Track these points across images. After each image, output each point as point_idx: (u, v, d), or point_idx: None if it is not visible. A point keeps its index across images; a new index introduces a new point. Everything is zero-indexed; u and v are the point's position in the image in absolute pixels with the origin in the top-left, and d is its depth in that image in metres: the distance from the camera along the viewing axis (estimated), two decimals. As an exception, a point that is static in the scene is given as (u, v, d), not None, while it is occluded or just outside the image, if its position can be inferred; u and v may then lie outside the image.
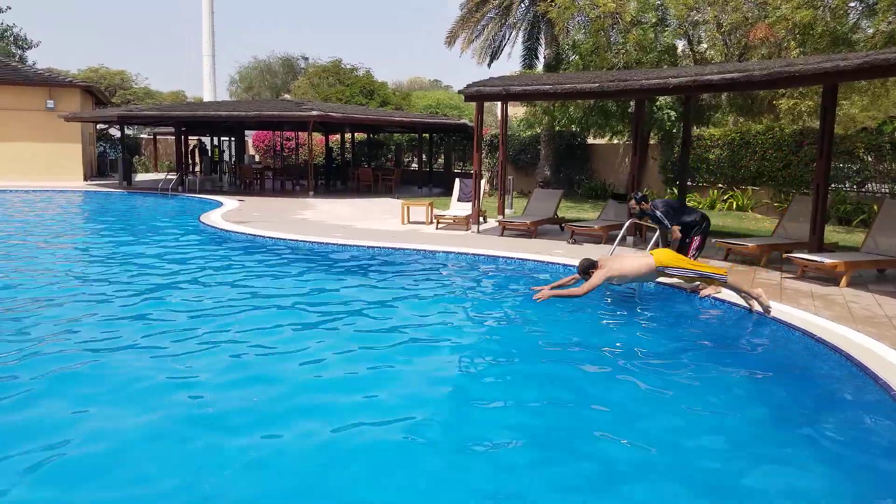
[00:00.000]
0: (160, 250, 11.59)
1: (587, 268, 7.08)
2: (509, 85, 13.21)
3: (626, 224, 10.61)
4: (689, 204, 16.14)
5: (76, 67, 50.90)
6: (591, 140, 24.39)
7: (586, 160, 24.32)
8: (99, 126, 33.07)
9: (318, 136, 32.95)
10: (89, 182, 26.56)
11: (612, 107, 18.55)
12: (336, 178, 27.78)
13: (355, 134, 31.92)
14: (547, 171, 23.56)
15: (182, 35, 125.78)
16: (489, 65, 25.82)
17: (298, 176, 26.37)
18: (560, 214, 14.65)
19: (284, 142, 35.73)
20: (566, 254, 11.01)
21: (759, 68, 9.89)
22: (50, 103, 25.99)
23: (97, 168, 31.30)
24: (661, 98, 18.19)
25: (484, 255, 10.96)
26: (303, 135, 31.38)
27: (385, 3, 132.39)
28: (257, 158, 37.52)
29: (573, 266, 10.06)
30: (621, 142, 22.87)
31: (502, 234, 13.28)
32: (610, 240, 11.95)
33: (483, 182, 14.83)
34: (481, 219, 14.30)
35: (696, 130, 19.51)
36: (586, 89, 12.11)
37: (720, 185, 19.65)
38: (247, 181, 25.33)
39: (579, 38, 19.60)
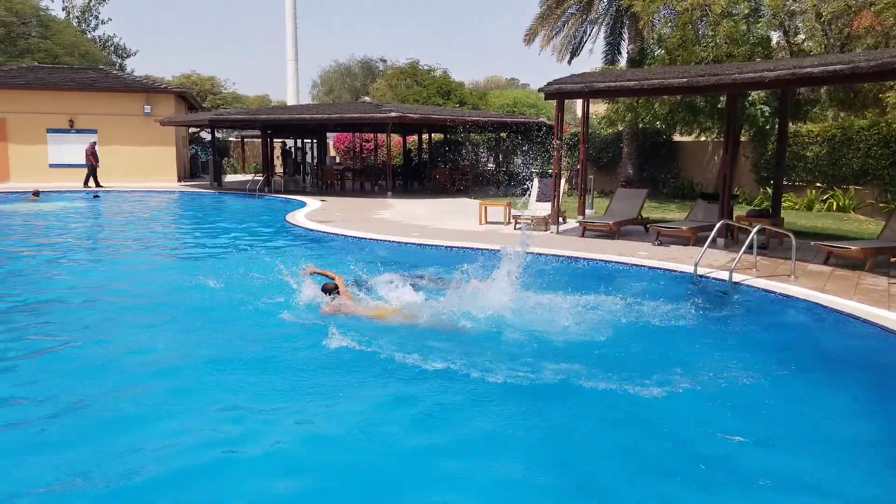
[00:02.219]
0: (256, 248, 11.94)
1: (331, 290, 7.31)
2: (592, 82, 12.85)
3: (717, 225, 10.10)
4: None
5: (170, 74, 53.36)
6: (677, 137, 23.55)
7: (672, 158, 23.50)
8: (191, 129, 34.52)
9: (395, 137, 33.27)
10: (183, 183, 27.73)
11: (700, 103, 17.80)
12: (413, 179, 27.94)
13: (432, 134, 32.04)
14: (630, 170, 22.90)
15: (266, 41, 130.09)
16: (569, 62, 25.38)
17: (377, 177, 26.68)
18: (644, 215, 14.15)
19: (363, 143, 36.27)
20: (651, 256, 10.62)
21: (867, 59, 9.19)
22: (147, 109, 27.29)
23: (189, 170, 32.66)
24: (753, 93, 17.32)
25: (565, 256, 10.71)
26: (381, 136, 31.74)
27: (462, 3, 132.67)
28: (338, 160, 38.24)
29: (659, 268, 9.73)
30: (710, 139, 21.97)
31: (583, 235, 12.95)
32: (699, 242, 11.44)
33: (562, 181, 14.50)
34: (561, 219, 14.00)
35: (792, 126, 18.50)
36: (674, 84, 11.63)
37: (819, 185, 18.56)
38: (328, 182, 25.83)
39: (665, 32, 18.91)
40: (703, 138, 22.12)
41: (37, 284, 9.19)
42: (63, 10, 44.43)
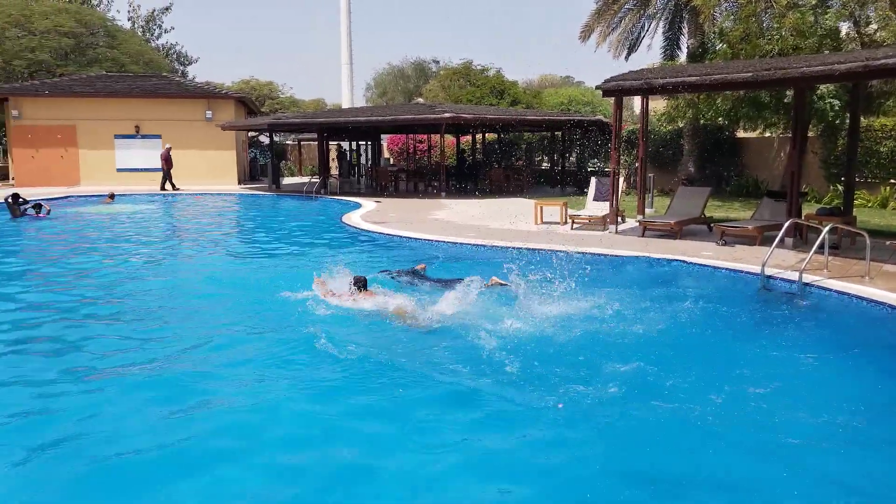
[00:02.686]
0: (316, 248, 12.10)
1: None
2: (651, 78, 12.56)
3: (786, 224, 9.71)
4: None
5: (230, 80, 54.69)
6: (740, 133, 22.82)
7: (735, 155, 22.78)
8: (250, 133, 35.30)
9: (449, 138, 33.28)
10: (243, 186, 28.39)
11: (765, 97, 17.20)
12: (467, 179, 27.90)
13: (486, 134, 31.92)
14: (691, 168, 22.31)
15: (322, 46, 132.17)
16: (626, 58, 24.89)
17: (431, 178, 26.72)
18: (707, 214, 13.74)
19: (417, 144, 36.43)
20: (715, 256, 10.30)
21: (949, 46, 8.68)
22: (208, 114, 28.03)
23: (249, 172, 33.41)
24: (821, 86, 16.63)
25: (625, 256, 10.48)
26: (435, 137, 31.79)
27: (516, 1, 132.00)
28: (392, 161, 38.53)
29: (724, 268, 9.42)
30: (775, 134, 21.21)
31: (643, 235, 12.66)
32: (765, 241, 11.04)
33: (621, 180, 14.22)
34: (619, 219, 13.72)
35: (863, 121, 17.70)
36: (739, 79, 11.26)
37: (893, 181, 17.70)
38: (382, 183, 26.02)
39: (727, 26, 18.36)
40: (767, 134, 21.38)
41: (119, 281, 9.60)
42: (129, 20, 46.13)
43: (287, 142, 42.02)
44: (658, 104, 25.14)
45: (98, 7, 43.26)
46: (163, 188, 25.23)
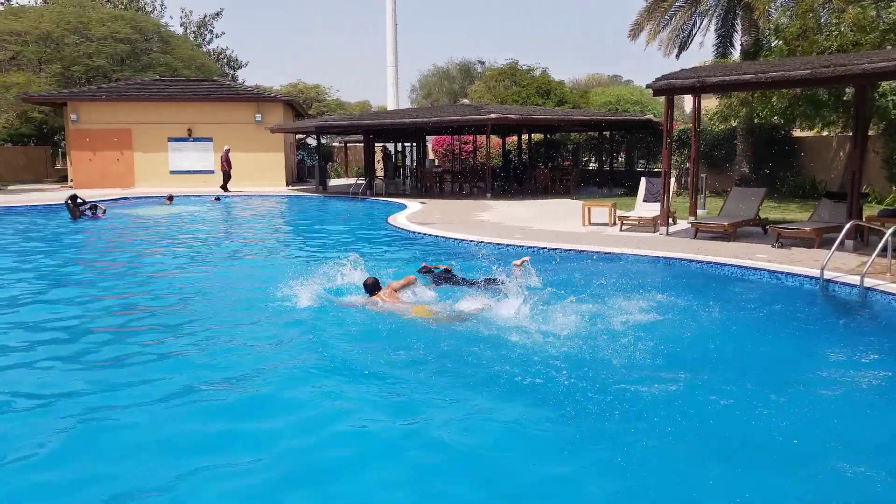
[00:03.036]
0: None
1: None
2: (704, 76, 12.23)
3: (847, 226, 9.32)
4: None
5: (278, 83, 55.60)
6: (796, 132, 22.10)
7: (791, 155, 22.06)
8: (297, 136, 35.80)
9: (494, 139, 33.15)
10: (290, 187, 28.79)
11: (822, 95, 16.62)
12: (513, 180, 27.74)
13: (532, 135, 31.68)
14: (745, 168, 21.69)
15: (367, 48, 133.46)
16: (677, 56, 24.38)
17: (476, 178, 26.65)
18: (762, 215, 13.32)
19: (462, 145, 36.40)
20: (771, 259, 9.96)
21: None
22: (258, 117, 28.52)
23: (296, 174, 33.88)
24: (883, 83, 15.98)
25: (677, 259, 10.23)
26: (480, 137, 31.70)
27: (562, 1, 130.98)
28: (436, 162, 38.60)
29: (781, 272, 9.10)
30: (834, 133, 20.47)
31: (695, 237, 12.35)
32: (824, 244, 10.64)
33: (672, 181, 13.89)
34: (671, 220, 13.41)
35: (928, 118, 16.93)
36: (796, 76, 10.86)
37: (960, 181, 16.90)
38: (427, 184, 26.05)
39: (783, 22, 17.82)
40: (825, 133, 20.66)
41: (181, 279, 9.95)
42: (181, 25, 47.39)
43: (333, 144, 42.52)
44: (710, 103, 24.57)
45: (152, 13, 44.55)
46: (225, 189, 25.78)
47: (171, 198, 21.92)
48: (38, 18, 32.86)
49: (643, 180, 14.89)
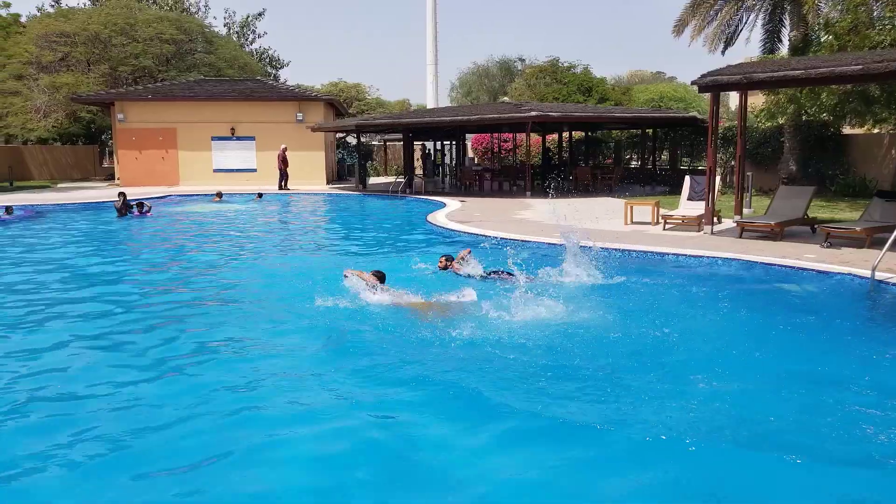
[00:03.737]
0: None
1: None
2: (751, 72, 11.96)
3: (902, 226, 9.01)
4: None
5: (319, 83, 56.19)
6: (846, 130, 21.47)
7: (841, 153, 21.44)
8: (338, 134, 36.12)
9: (534, 137, 32.96)
10: (331, 186, 29.06)
11: (874, 91, 16.13)
12: (553, 178, 27.52)
13: (573, 132, 31.41)
14: (792, 166, 21.15)
15: (407, 47, 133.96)
16: (723, 52, 23.91)
17: (515, 177, 26.54)
18: (810, 214, 12.97)
19: (502, 143, 36.30)
20: (820, 259, 9.69)
21: None
22: (299, 116, 28.86)
23: (336, 173, 34.20)
24: (940, 77, 15.42)
25: (722, 258, 10.03)
26: (520, 136, 31.57)
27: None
28: (476, 161, 38.56)
29: (830, 272, 8.86)
30: (886, 131, 19.85)
31: (741, 236, 12.09)
32: (875, 244, 10.31)
33: (717, 179, 13.61)
34: (715, 219, 13.14)
35: None
36: (847, 72, 10.54)
37: None
38: (466, 183, 26.02)
39: (833, 16, 17.35)
40: (876, 130, 20.05)
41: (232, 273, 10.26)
42: (224, 26, 48.24)
43: (373, 142, 42.79)
44: (756, 100, 24.04)
45: (196, 14, 45.40)
46: (281, 187, 26.16)
47: (220, 194, 22.38)
48: (87, 20, 33.76)
49: (687, 178, 14.63)
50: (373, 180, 31.81)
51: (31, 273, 10.17)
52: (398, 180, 25.81)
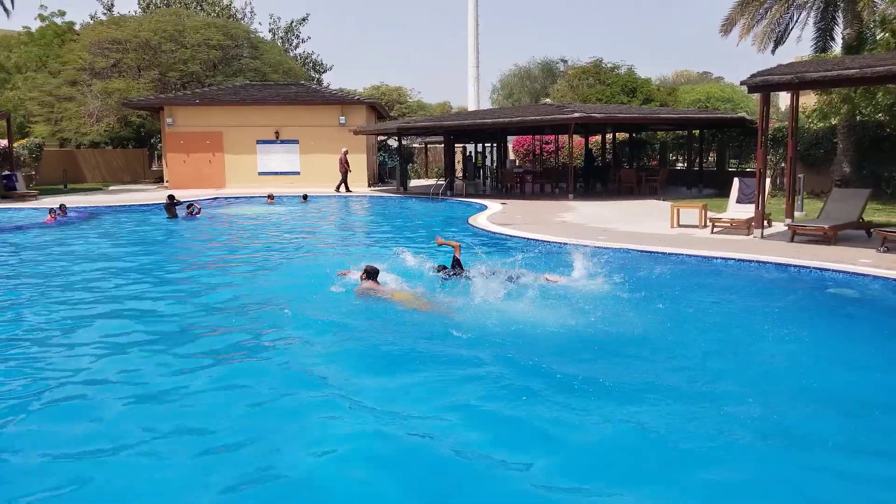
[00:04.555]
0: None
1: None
2: (803, 72, 11.62)
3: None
4: None
5: (361, 86, 56.63)
6: (903, 130, 20.67)
7: (897, 154, 20.66)
8: (379, 137, 36.31)
9: (577, 138, 32.62)
10: (372, 188, 29.24)
11: (935, 90, 15.50)
12: (596, 180, 27.17)
13: (616, 134, 30.99)
14: (846, 168, 20.46)
15: (449, 50, 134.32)
16: (773, 51, 23.32)
17: (557, 178, 26.30)
18: (866, 218, 12.52)
19: (543, 145, 36.03)
20: (877, 264, 9.35)
21: None
22: (342, 119, 29.12)
23: (377, 175, 34.39)
24: None
25: (772, 263, 9.76)
26: (562, 137, 31.28)
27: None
28: (517, 163, 38.36)
29: (887, 278, 8.52)
30: (946, 131, 19.05)
31: (792, 240, 11.73)
32: (938, 249, 9.90)
33: (767, 181, 13.25)
34: (765, 222, 12.79)
35: None
36: (907, 70, 10.16)
37: None
38: (508, 185, 25.89)
39: (890, 13, 16.74)
40: (936, 130, 19.27)
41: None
42: (269, 31, 48.91)
43: (414, 145, 42.93)
44: (807, 100, 23.38)
45: (242, 20, 46.21)
46: (338, 189, 26.49)
47: (272, 197, 22.78)
48: (138, 27, 34.68)
49: (736, 181, 14.28)
50: (413, 182, 31.89)
51: (88, 271, 10.48)
52: (439, 183, 25.81)
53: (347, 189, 26.31)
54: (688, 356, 6.02)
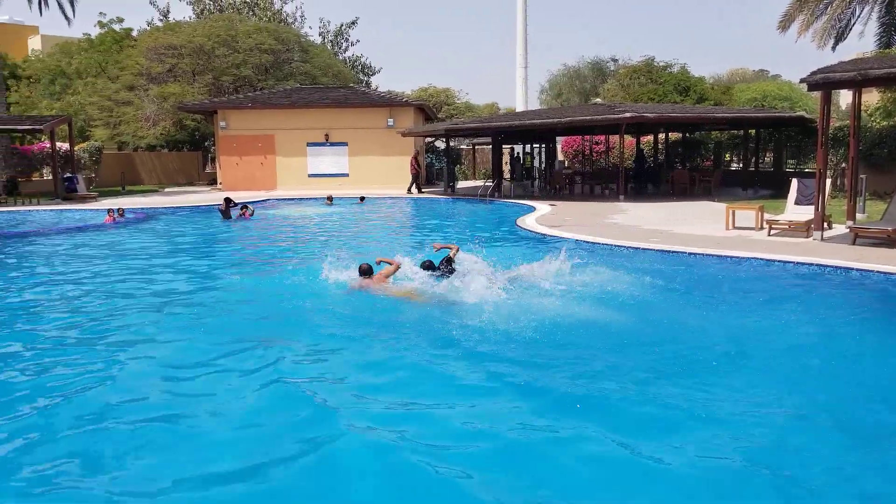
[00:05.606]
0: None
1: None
2: (866, 68, 11.17)
3: None
4: None
5: (409, 88, 56.94)
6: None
7: (966, 153, 19.72)
8: (426, 139, 36.42)
9: (627, 138, 32.11)
10: (418, 191, 29.29)
11: None
12: (647, 182, 26.70)
13: (668, 134, 30.39)
14: (910, 168, 19.62)
15: (497, 51, 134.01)
16: (833, 48, 22.59)
17: (608, 180, 25.93)
18: (935, 220, 11.95)
19: (593, 145, 35.58)
20: (947, 269, 8.91)
21: None
22: (390, 121, 29.32)
23: (425, 177, 34.48)
24: None
25: (833, 266, 9.42)
26: (612, 137, 30.85)
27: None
28: (566, 163, 38.00)
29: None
30: None
31: (854, 243, 11.30)
32: None
33: (827, 182, 12.79)
34: (825, 224, 12.34)
35: None
36: (981, 64, 9.67)
37: None
38: (557, 186, 25.64)
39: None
40: None
41: None
42: (319, 35, 49.58)
43: (461, 146, 42.93)
44: (870, 98, 22.53)
45: (293, 25, 46.96)
46: (409, 191, 26.75)
47: (330, 198, 23.18)
48: (192, 33, 35.59)
49: (795, 181, 13.82)
50: (461, 184, 31.90)
51: (146, 271, 10.78)
52: (487, 184, 25.73)
53: (419, 190, 26.51)
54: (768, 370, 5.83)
